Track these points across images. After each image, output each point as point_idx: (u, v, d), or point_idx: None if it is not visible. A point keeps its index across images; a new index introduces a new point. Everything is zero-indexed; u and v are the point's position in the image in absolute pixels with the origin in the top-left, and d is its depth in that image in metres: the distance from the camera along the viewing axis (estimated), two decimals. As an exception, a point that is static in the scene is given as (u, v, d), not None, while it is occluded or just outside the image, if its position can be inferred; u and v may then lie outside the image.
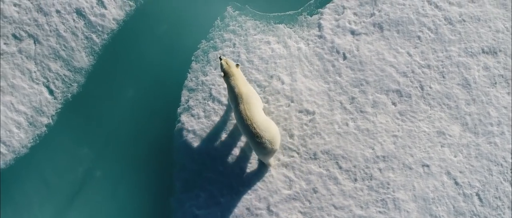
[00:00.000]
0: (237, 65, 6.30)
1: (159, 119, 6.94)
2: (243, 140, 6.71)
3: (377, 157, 6.63)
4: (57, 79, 6.94)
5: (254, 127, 6.07)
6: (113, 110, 6.97)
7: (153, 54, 7.11)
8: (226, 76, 6.24)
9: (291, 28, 7.19)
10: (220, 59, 6.30)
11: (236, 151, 6.69)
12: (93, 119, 6.94)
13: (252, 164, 6.63)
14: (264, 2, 7.29)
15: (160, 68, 7.07)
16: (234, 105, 6.25)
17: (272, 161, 6.58)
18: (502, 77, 6.89)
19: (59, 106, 6.92)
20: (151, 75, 7.06)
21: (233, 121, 6.78)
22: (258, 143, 6.09)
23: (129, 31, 7.15)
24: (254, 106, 6.18)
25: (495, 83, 6.87)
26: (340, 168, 6.60)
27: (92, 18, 7.08)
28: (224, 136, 6.76)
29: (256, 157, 6.60)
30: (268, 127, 6.15)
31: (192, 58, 7.09)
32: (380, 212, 6.45)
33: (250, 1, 7.29)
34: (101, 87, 7.02)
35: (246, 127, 6.12)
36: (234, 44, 7.09)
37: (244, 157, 6.67)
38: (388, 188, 6.52)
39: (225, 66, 6.23)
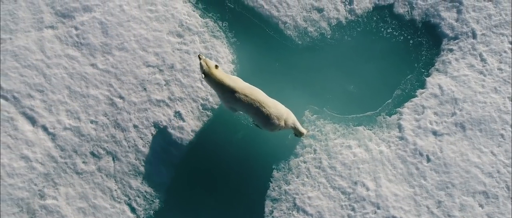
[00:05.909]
0: (217, 66, 6.06)
1: (243, 231, 6.82)
2: (331, 250, 6.61)
3: (469, 262, 6.55)
4: (138, 196, 6.79)
5: (257, 103, 6.04)
6: (195, 223, 6.85)
7: (232, 164, 6.95)
8: (208, 77, 6.03)
9: (370, 129, 7.06)
10: (199, 58, 6.04)
11: (325, 263, 6.59)
12: (175, 234, 6.82)
13: None
14: (341, 104, 7.13)
15: (240, 178, 6.92)
16: (227, 97, 6.07)
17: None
18: None
19: (142, 224, 6.78)
20: (232, 185, 6.91)
21: (320, 231, 6.66)
22: (266, 117, 6.09)
23: (207, 141, 6.98)
24: (250, 88, 6.10)
25: None
26: None
27: (171, 131, 6.92)
28: (311, 247, 6.66)
29: None
30: (275, 103, 6.16)
31: (273, 167, 6.95)
32: None
33: (328, 103, 7.13)
34: (182, 200, 6.87)
35: (249, 106, 6.05)
36: (315, 150, 6.95)
37: (333, 268, 6.58)
38: None
39: (205, 66, 6.01)
